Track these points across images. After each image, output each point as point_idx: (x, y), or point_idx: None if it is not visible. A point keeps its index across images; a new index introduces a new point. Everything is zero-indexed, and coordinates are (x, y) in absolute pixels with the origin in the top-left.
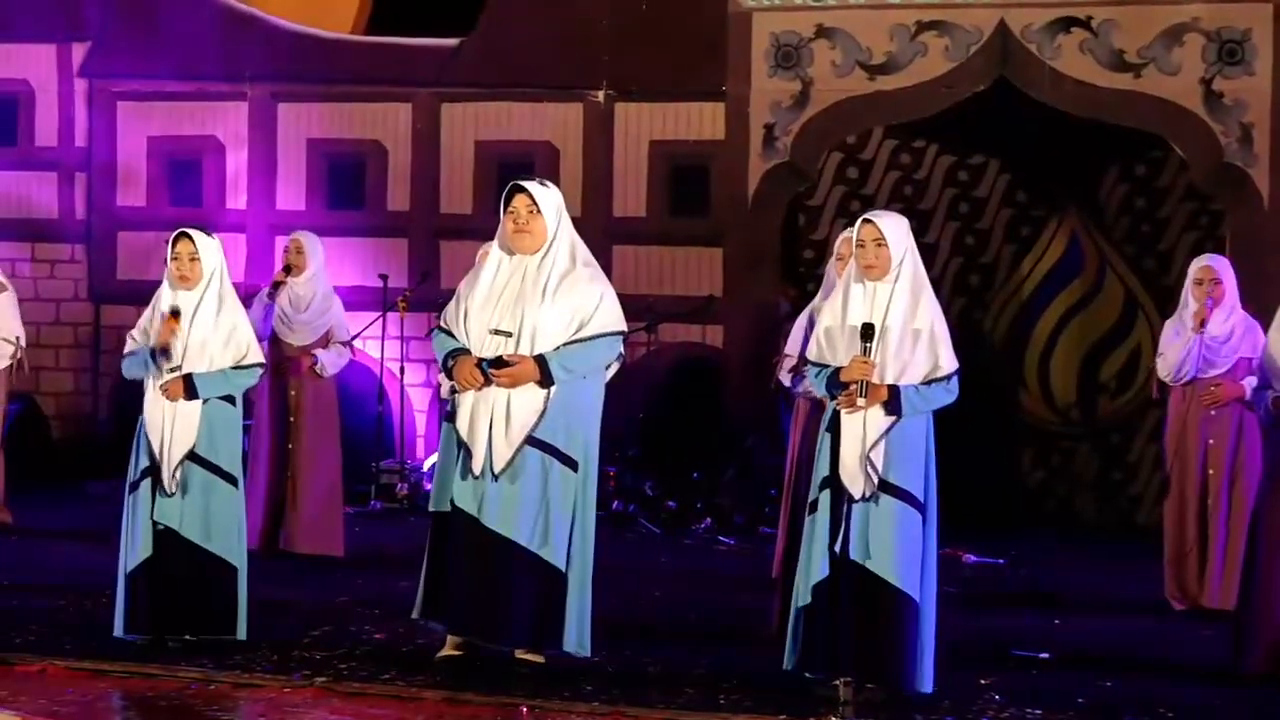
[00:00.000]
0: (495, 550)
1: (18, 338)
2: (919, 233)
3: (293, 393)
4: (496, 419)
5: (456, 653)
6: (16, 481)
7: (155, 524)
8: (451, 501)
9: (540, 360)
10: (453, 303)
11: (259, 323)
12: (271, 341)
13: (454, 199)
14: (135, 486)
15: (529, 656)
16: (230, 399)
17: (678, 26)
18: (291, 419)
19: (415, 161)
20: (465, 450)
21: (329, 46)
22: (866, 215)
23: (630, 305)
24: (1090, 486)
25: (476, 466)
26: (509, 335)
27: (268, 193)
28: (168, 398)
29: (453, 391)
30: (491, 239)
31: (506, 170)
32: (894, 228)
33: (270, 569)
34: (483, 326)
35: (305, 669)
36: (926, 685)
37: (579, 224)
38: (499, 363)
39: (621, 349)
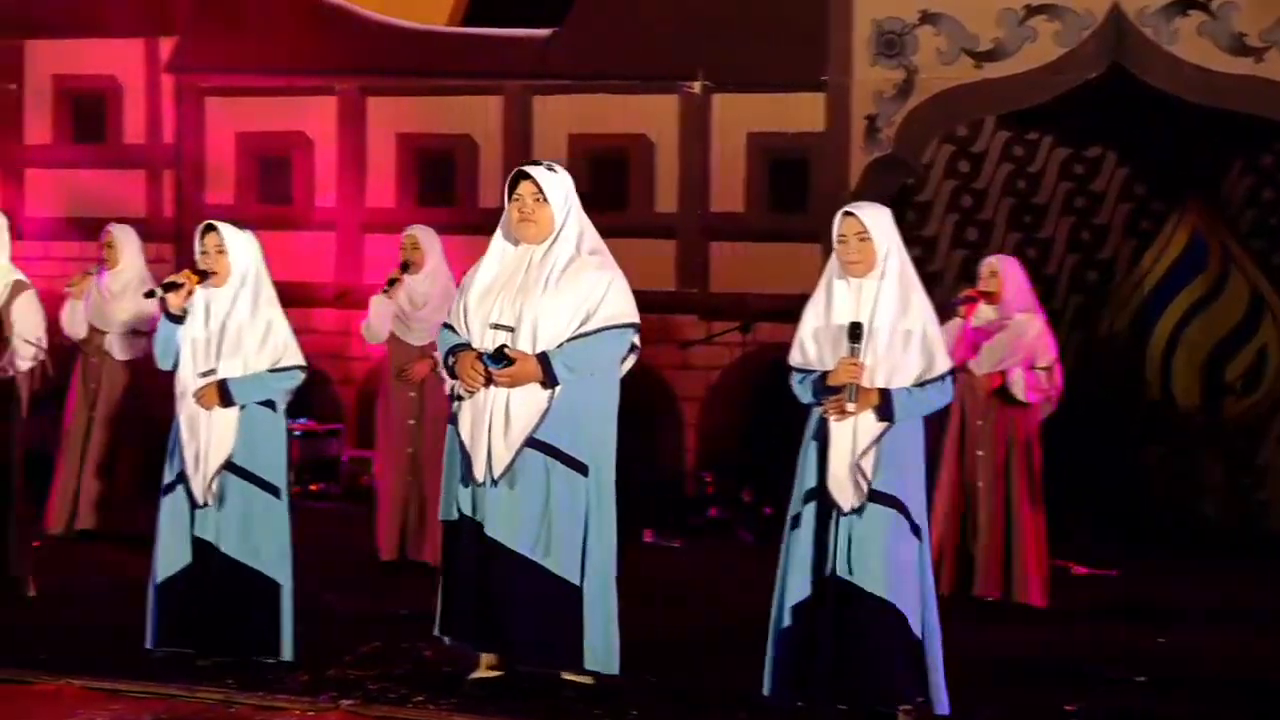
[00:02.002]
0: (497, 560)
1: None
2: (1034, 227)
3: (412, 394)
4: (496, 421)
5: (494, 673)
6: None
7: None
8: (458, 509)
9: (542, 358)
10: (456, 296)
11: (378, 321)
12: (391, 341)
13: None
14: (169, 489)
15: (575, 677)
16: (270, 404)
17: (776, 14)
18: (412, 422)
19: (506, 156)
20: (465, 456)
21: (418, 38)
22: (846, 208)
23: (727, 304)
24: (1216, 493)
25: (478, 473)
26: (510, 330)
27: (357, 189)
28: (203, 406)
29: (456, 396)
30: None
31: (600, 166)
32: (877, 220)
33: (345, 581)
34: (483, 321)
35: (334, 690)
36: (941, 708)
37: (674, 220)
38: (500, 354)
39: (635, 340)
